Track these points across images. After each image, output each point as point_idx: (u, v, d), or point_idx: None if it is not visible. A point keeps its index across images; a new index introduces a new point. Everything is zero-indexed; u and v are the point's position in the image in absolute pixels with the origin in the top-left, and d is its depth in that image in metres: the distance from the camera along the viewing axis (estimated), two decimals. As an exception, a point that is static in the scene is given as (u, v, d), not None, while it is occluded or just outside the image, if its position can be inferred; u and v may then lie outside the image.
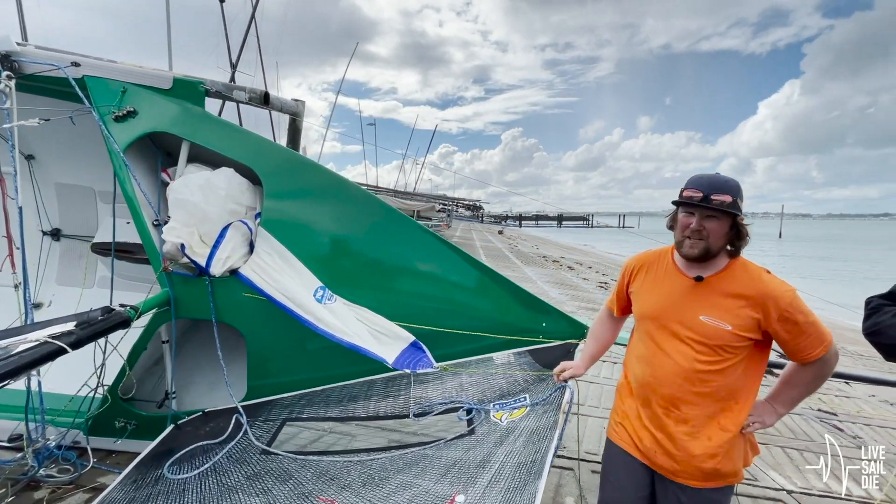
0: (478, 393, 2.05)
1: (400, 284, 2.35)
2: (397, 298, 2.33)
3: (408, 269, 2.37)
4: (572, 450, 2.95)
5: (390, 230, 2.33)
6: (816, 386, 1.41)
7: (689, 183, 1.38)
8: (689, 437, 1.40)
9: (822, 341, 1.32)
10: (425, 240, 2.38)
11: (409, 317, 2.31)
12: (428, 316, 2.36)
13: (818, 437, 3.55)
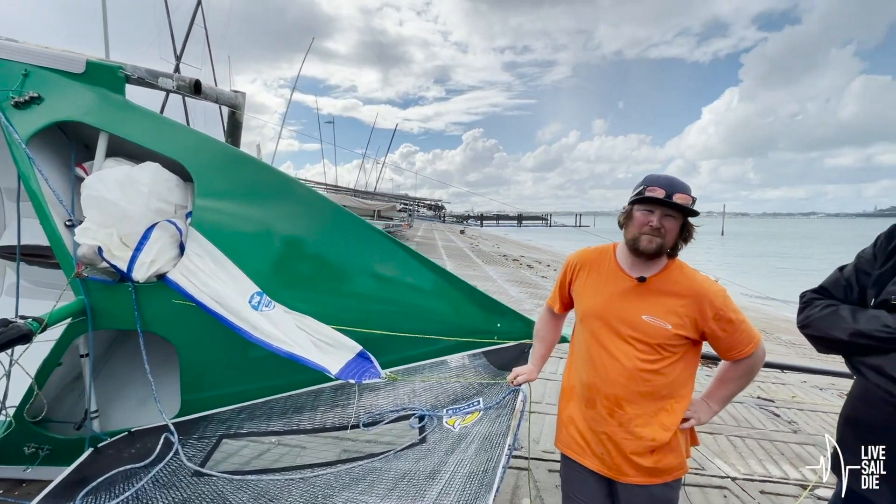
0: (431, 398, 1.97)
1: (349, 288, 2.23)
2: (346, 303, 2.22)
3: (357, 272, 2.26)
4: (528, 449, 2.94)
5: (338, 231, 2.21)
6: (747, 381, 1.46)
7: (649, 181, 1.39)
8: (632, 437, 1.41)
9: (751, 339, 1.38)
10: (376, 241, 2.28)
11: (359, 322, 2.20)
12: (379, 320, 2.27)
13: (759, 424, 3.74)
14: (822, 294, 1.20)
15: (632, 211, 1.42)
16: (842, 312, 1.08)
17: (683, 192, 1.33)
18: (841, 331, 1.05)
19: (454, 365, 2.16)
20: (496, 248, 25.74)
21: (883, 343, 0.97)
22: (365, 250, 2.25)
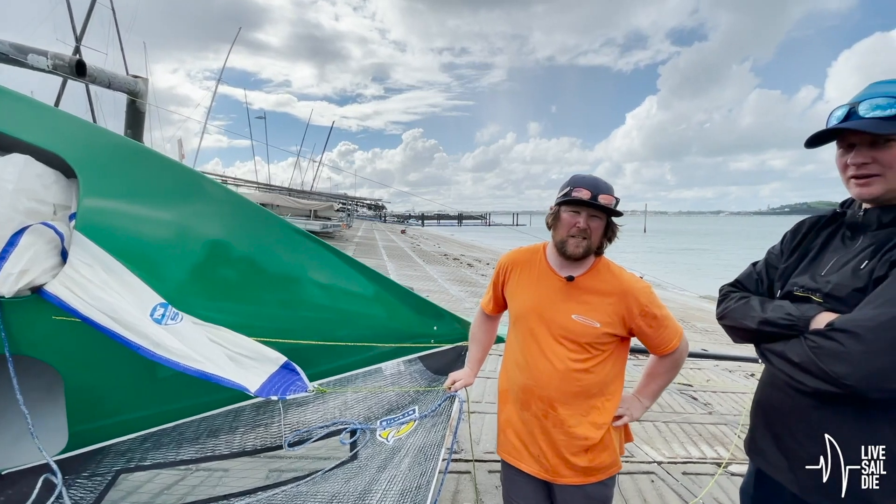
0: (364, 410, 1.86)
1: (271, 295, 2.05)
2: (268, 311, 2.04)
3: (280, 278, 2.09)
4: (469, 451, 2.91)
5: (257, 234, 2.02)
6: (674, 374, 1.52)
7: (575, 182, 1.39)
8: (566, 437, 1.42)
9: (676, 333, 1.44)
10: (301, 243, 2.12)
11: (283, 331, 2.04)
12: (307, 328, 2.11)
13: (679, 409, 4.02)
14: (737, 287, 1.27)
15: (559, 212, 1.42)
16: (752, 303, 1.14)
17: (607, 192, 1.36)
18: (751, 320, 1.11)
19: (389, 372, 2.06)
20: (437, 247, 25.81)
21: (786, 329, 1.03)
22: (288, 254, 2.08)
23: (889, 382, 0.85)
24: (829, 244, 1.12)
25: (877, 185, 0.97)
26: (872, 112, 0.95)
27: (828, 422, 0.99)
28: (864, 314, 0.90)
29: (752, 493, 1.23)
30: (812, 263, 1.12)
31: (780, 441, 1.10)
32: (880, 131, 0.94)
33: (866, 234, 1.03)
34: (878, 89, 0.98)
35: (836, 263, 1.05)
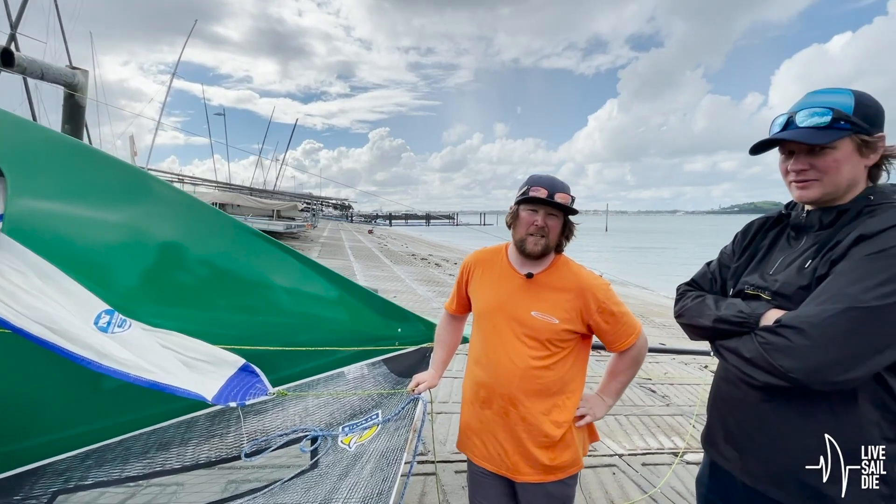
0: (326, 416, 1.81)
1: (228, 300, 1.97)
2: (225, 317, 1.95)
3: (237, 282, 2.00)
4: (436, 452, 2.90)
5: (211, 236, 1.93)
6: (635, 371, 1.55)
7: (532, 182, 1.42)
8: (527, 436, 1.43)
9: (634, 329, 1.47)
10: (259, 246, 2.04)
11: (242, 338, 1.96)
12: (267, 334, 2.04)
13: (639, 402, 4.17)
14: (693, 286, 1.32)
15: (518, 211, 1.45)
16: (707, 302, 1.18)
17: (564, 191, 1.39)
18: (706, 318, 1.15)
19: (352, 376, 2.02)
20: (405, 247, 25.68)
21: (738, 327, 1.07)
22: (244, 257, 2.00)
23: (832, 375, 0.90)
24: (777, 244, 1.17)
25: (815, 188, 1.03)
26: (809, 121, 1.00)
27: (775, 414, 1.04)
28: (809, 311, 0.94)
29: (707, 483, 1.27)
30: (761, 263, 1.17)
31: (732, 433, 1.15)
32: (814, 142, 0.99)
33: (809, 234, 1.08)
34: (814, 99, 1.03)
35: (783, 263, 1.10)
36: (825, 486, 0.97)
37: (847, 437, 0.96)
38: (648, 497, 2.61)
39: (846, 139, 0.98)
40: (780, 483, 1.04)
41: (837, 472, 0.97)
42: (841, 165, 0.99)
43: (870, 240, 0.93)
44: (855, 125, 0.97)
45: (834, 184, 1.01)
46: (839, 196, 1.03)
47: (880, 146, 0.99)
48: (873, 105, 0.99)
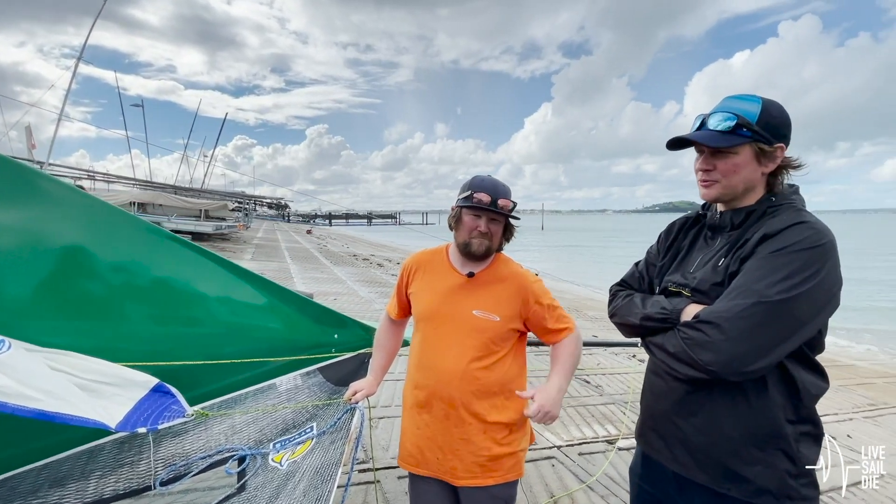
0: (255, 432, 1.68)
1: (140, 311, 1.78)
2: (137, 330, 1.77)
3: (152, 291, 1.82)
4: (378, 458, 2.83)
5: (117, 241, 1.73)
6: (576, 362, 1.57)
7: (475, 186, 1.41)
8: (468, 437, 1.42)
9: (567, 322, 1.51)
10: (177, 252, 1.87)
11: (157, 353, 1.78)
12: (187, 346, 1.87)
13: (576, 393, 4.35)
14: (623, 286, 1.37)
15: (461, 214, 1.44)
16: (635, 300, 1.24)
17: (506, 196, 1.41)
18: (634, 316, 1.20)
19: (284, 388, 1.90)
20: (346, 247, 25.03)
21: (662, 323, 1.13)
22: (159, 263, 1.82)
23: (744, 366, 0.97)
24: (696, 243, 1.24)
25: (714, 188, 1.11)
26: (716, 125, 1.07)
27: (699, 404, 1.11)
28: (722, 306, 1.01)
29: (640, 472, 1.33)
30: (683, 261, 1.23)
31: (661, 424, 1.21)
32: (713, 144, 1.06)
33: (723, 234, 1.15)
34: (728, 104, 1.09)
35: (701, 261, 1.16)
36: (744, 469, 1.05)
37: (760, 423, 1.04)
38: (586, 486, 2.72)
39: (746, 146, 1.05)
40: (705, 468, 1.10)
41: (753, 456, 1.05)
42: (739, 170, 1.06)
43: (772, 238, 1.01)
44: (755, 133, 1.03)
45: (731, 186, 1.08)
46: (737, 197, 1.11)
47: (778, 156, 1.07)
48: (778, 116, 1.05)
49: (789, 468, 1.03)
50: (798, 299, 0.95)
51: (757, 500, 1.04)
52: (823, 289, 0.97)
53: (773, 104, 1.06)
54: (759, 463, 1.04)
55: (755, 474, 1.04)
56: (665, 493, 1.22)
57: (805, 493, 1.04)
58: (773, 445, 1.04)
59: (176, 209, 21.56)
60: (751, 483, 1.04)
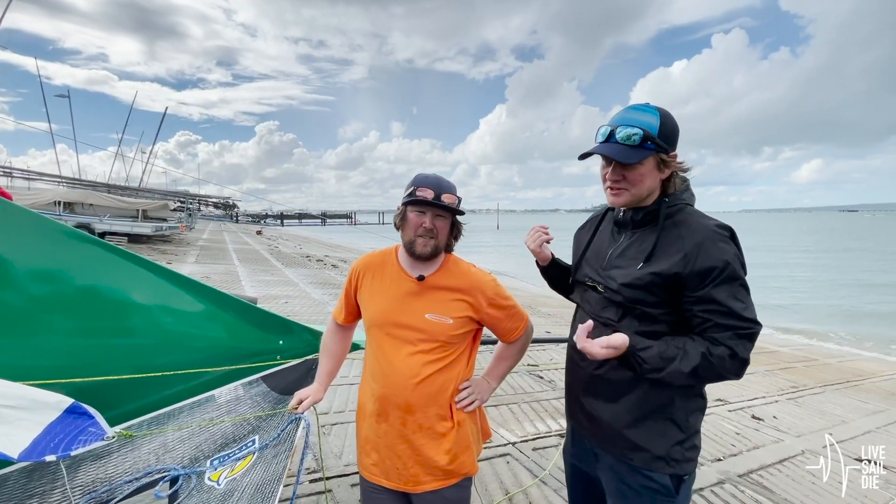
0: (190, 449, 1.56)
1: (59, 323, 1.62)
2: (55, 343, 1.62)
3: (73, 300, 1.67)
4: (330, 467, 2.74)
5: (27, 246, 1.57)
6: (520, 356, 1.62)
7: (418, 182, 1.38)
8: (426, 440, 1.40)
9: (522, 319, 1.53)
10: (100, 256, 1.72)
11: (80, 367, 1.63)
12: (115, 359, 1.72)
13: (529, 389, 4.43)
14: None
15: (405, 212, 1.41)
16: None
17: (450, 192, 1.38)
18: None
19: (224, 399, 1.78)
20: (299, 248, 24.22)
21: None
22: (80, 269, 1.67)
23: None
24: (605, 238, 1.37)
25: (624, 196, 1.22)
26: (625, 139, 1.16)
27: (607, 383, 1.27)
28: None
29: (570, 449, 1.47)
30: (596, 255, 1.37)
31: (581, 404, 1.35)
32: (623, 160, 1.16)
33: (626, 230, 1.30)
34: (631, 115, 1.18)
35: (612, 257, 1.30)
36: (640, 438, 1.21)
37: (659, 397, 1.20)
38: (539, 481, 2.77)
39: (650, 157, 1.16)
40: (613, 442, 1.26)
41: (650, 427, 1.20)
42: (645, 179, 1.19)
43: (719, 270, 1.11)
44: (658, 146, 1.15)
45: (638, 193, 1.21)
46: (641, 201, 1.24)
47: (673, 164, 1.20)
48: (672, 126, 1.18)
49: (678, 436, 1.19)
50: None
51: (653, 465, 1.19)
52: None
53: (667, 115, 1.18)
54: (654, 433, 1.20)
55: (650, 442, 1.20)
56: (590, 467, 1.37)
57: (689, 456, 1.20)
58: (663, 415, 1.20)
59: (109, 209, 19.96)
60: (648, 451, 1.19)
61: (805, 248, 37.33)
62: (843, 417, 4.38)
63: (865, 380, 6.04)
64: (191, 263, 13.68)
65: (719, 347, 1.09)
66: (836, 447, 1.20)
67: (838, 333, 10.83)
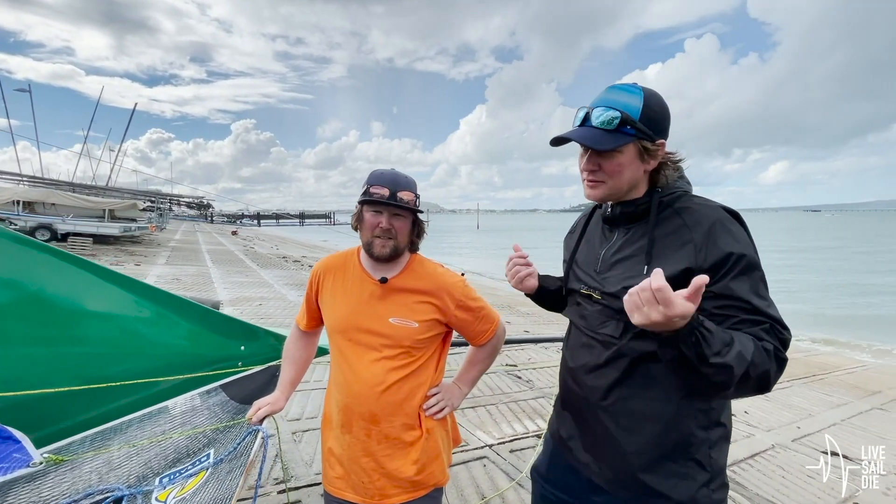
0: (139, 466, 1.45)
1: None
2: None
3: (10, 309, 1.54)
4: (300, 476, 2.63)
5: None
6: (492, 360, 1.56)
7: (373, 180, 1.30)
8: (392, 452, 1.33)
9: (492, 321, 1.46)
10: (46, 263, 1.61)
11: (14, 380, 1.50)
12: (59, 370, 1.62)
13: (507, 389, 4.40)
14: None
15: (361, 212, 1.33)
16: None
17: (407, 189, 1.30)
18: None
19: (179, 410, 1.67)
20: (275, 249, 23.72)
21: None
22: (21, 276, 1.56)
23: None
24: (595, 238, 1.22)
25: (600, 189, 1.07)
26: (600, 120, 1.01)
27: (618, 415, 1.08)
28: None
29: (546, 475, 1.31)
30: (588, 258, 1.21)
31: (579, 431, 1.18)
32: (596, 146, 1.01)
33: (619, 228, 1.14)
34: (610, 95, 1.03)
35: (605, 258, 1.14)
36: (660, 484, 1.02)
37: (677, 433, 1.01)
38: (516, 483, 2.72)
39: (630, 144, 1.01)
40: (624, 485, 1.07)
41: (668, 469, 1.02)
42: (624, 169, 1.03)
43: (736, 257, 0.93)
44: (639, 131, 1.00)
45: (616, 186, 1.06)
46: (622, 195, 1.09)
47: (660, 154, 1.04)
48: (659, 110, 1.02)
49: (703, 477, 1.02)
50: None
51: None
52: None
53: (654, 95, 1.02)
54: (675, 476, 1.02)
55: (671, 488, 1.01)
56: (578, 498, 1.19)
57: (717, 497, 1.02)
58: (686, 456, 1.01)
59: (73, 209, 19.08)
60: (668, 498, 1.01)
61: (787, 248, 38.21)
62: (810, 411, 4.50)
63: (830, 373, 6.25)
64: (161, 265, 13.20)
65: (762, 341, 0.89)
66: (836, 446, 1.14)
67: (806, 333, 11.25)
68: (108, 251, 15.88)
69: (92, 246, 16.31)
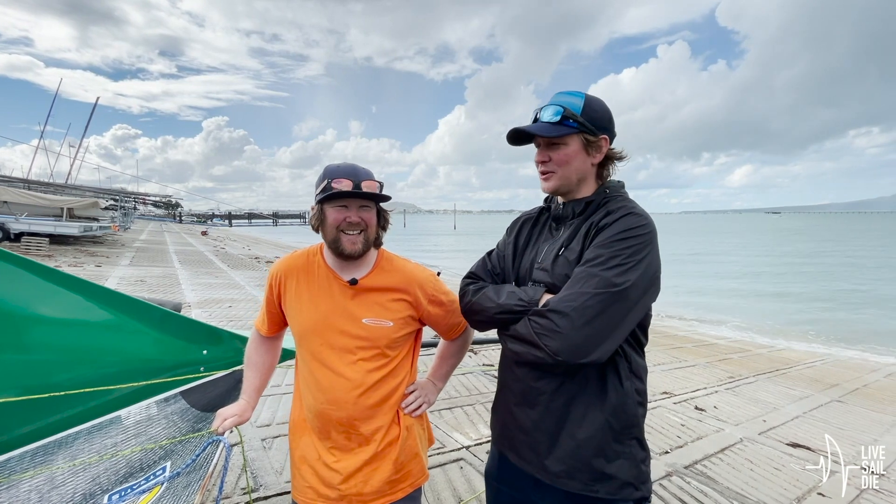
0: (86, 482, 1.34)
1: None
2: None
3: None
4: (269, 484, 2.53)
5: None
6: (463, 354, 1.54)
7: (331, 174, 1.24)
8: (374, 456, 1.28)
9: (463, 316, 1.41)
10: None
11: None
12: None
13: (484, 389, 4.37)
14: (473, 279, 1.30)
15: (323, 210, 1.26)
16: (488, 293, 1.18)
17: (369, 178, 1.25)
18: (490, 309, 1.15)
19: (133, 420, 1.56)
20: (247, 249, 23.10)
21: (521, 314, 1.08)
22: None
23: (590, 352, 0.98)
24: (542, 235, 1.25)
25: (553, 179, 1.15)
26: (548, 117, 1.12)
27: (564, 407, 1.09)
28: (568, 294, 1.00)
29: (497, 474, 1.28)
30: (533, 254, 1.23)
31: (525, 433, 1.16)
32: (544, 134, 1.12)
33: (567, 224, 1.18)
34: (556, 98, 1.16)
35: (549, 252, 1.17)
36: (608, 466, 1.06)
37: (620, 416, 1.06)
38: (492, 485, 2.69)
39: (575, 136, 1.12)
40: (574, 474, 1.07)
41: (615, 451, 1.06)
42: (571, 160, 1.13)
43: (609, 227, 1.05)
44: (581, 125, 1.10)
45: (566, 176, 1.14)
46: (573, 188, 1.17)
47: (603, 147, 1.14)
48: (600, 110, 1.13)
49: (641, 455, 1.09)
50: (633, 284, 0.99)
51: (621, 493, 1.05)
52: (650, 273, 1.02)
53: (595, 99, 1.15)
54: (620, 457, 1.06)
55: (618, 469, 1.06)
56: (527, 497, 1.18)
57: (646, 471, 1.09)
58: (629, 436, 1.07)
59: (27, 207, 18.06)
60: (616, 479, 1.06)
61: (757, 252, 39.14)
62: (775, 404, 4.66)
63: (792, 368, 6.51)
64: (124, 266, 12.64)
65: None
66: (836, 445, 1.15)
67: (772, 325, 11.70)
68: (67, 252, 15.10)
69: (49, 246, 15.47)
